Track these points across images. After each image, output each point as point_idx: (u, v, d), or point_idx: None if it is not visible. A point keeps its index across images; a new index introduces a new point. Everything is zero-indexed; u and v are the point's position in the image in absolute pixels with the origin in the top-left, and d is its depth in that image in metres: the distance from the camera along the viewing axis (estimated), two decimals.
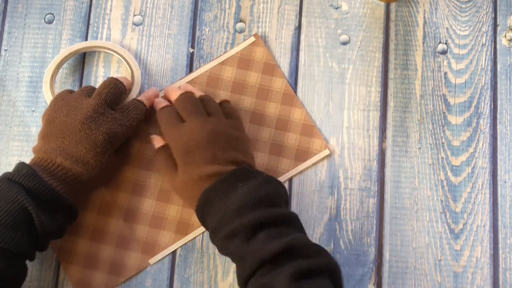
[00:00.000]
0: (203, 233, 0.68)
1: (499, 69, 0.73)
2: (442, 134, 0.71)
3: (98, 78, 0.72)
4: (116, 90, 0.65)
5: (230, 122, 0.65)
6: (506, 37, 0.73)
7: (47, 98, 0.69)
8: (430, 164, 0.70)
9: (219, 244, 0.59)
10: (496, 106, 0.72)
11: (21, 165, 0.60)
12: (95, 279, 0.67)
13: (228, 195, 0.58)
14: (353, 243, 0.68)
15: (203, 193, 0.60)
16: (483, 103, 0.72)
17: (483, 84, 0.72)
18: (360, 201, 0.69)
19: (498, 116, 0.71)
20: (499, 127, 0.71)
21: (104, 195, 0.68)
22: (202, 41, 0.73)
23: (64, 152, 0.62)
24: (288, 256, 0.54)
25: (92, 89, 0.67)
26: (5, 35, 0.73)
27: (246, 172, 0.60)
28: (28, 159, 0.63)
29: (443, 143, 0.71)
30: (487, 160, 0.70)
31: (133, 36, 0.73)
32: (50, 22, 0.74)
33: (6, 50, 0.73)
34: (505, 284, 0.68)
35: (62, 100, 0.65)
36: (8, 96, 0.71)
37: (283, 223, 0.57)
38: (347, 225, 0.69)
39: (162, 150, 0.65)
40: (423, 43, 0.73)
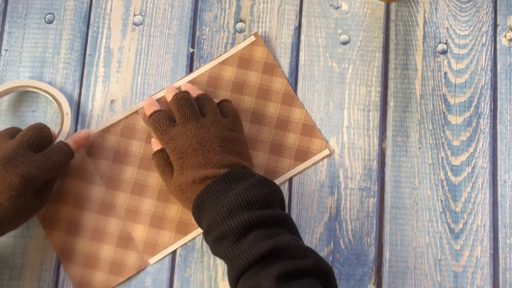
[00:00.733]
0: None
1: (499, 69, 0.73)
2: (442, 134, 0.71)
3: (98, 78, 0.72)
4: (41, 134, 0.64)
5: (226, 122, 0.65)
6: (506, 37, 0.73)
7: None
8: (430, 164, 0.70)
9: (211, 246, 0.59)
10: (496, 106, 0.72)
11: None
12: (95, 278, 0.67)
13: (220, 197, 0.59)
14: (353, 243, 0.68)
15: (197, 196, 0.60)
16: (483, 103, 0.72)
17: (483, 84, 0.72)
18: (360, 201, 0.69)
19: (498, 116, 0.71)
20: (499, 127, 0.71)
21: (104, 195, 0.69)
22: (202, 41, 0.73)
23: None
24: (274, 257, 0.54)
25: (17, 130, 0.66)
26: (5, 35, 0.73)
27: (238, 174, 0.60)
28: None
29: (443, 143, 0.71)
30: (487, 160, 0.70)
31: (133, 36, 0.73)
32: (50, 22, 0.74)
33: (6, 50, 0.73)
34: (505, 284, 0.67)
35: None
36: (8, 96, 0.71)
37: (273, 224, 0.57)
38: (347, 224, 0.69)
39: (158, 153, 0.66)
40: (423, 43, 0.73)
